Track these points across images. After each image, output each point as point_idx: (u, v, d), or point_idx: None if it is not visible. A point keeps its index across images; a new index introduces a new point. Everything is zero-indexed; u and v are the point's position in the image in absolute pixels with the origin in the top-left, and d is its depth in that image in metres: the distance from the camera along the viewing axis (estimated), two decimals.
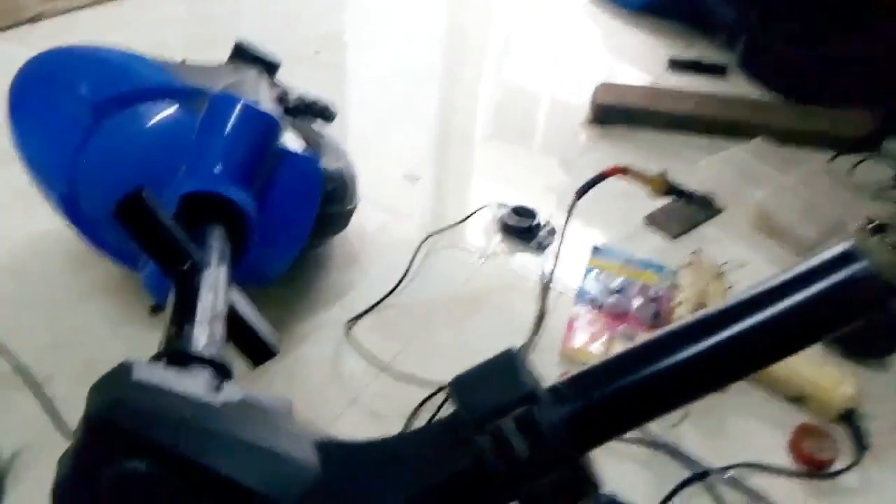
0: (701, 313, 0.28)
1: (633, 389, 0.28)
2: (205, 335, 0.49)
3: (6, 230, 0.98)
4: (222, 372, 0.45)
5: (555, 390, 0.29)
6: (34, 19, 1.51)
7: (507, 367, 0.28)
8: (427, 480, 0.29)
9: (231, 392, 0.39)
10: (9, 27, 1.46)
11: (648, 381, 0.28)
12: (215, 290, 0.55)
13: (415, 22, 1.77)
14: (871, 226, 0.94)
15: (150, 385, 0.35)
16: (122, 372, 0.36)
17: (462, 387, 0.28)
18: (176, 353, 0.44)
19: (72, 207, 0.71)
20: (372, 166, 1.22)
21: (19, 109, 0.73)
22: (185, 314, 0.50)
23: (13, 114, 0.74)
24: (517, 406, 0.27)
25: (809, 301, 0.26)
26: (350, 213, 0.95)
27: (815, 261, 0.27)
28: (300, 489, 0.30)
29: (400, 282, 0.96)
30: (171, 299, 0.53)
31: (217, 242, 0.61)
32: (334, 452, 0.32)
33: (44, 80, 0.73)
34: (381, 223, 1.09)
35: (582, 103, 1.41)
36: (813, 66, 1.44)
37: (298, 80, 1.04)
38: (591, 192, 1.03)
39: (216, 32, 1.60)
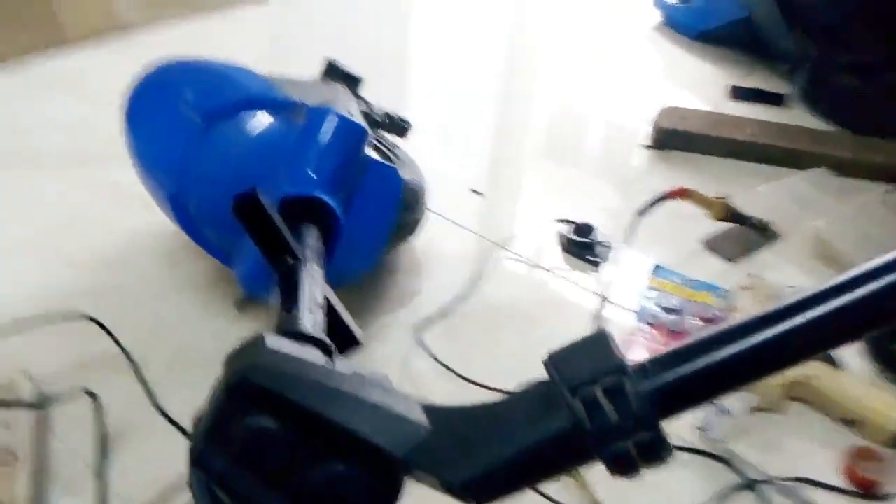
0: (764, 310, 0.33)
1: (707, 369, 0.33)
2: (310, 320, 0.55)
3: (106, 226, 1.07)
4: (327, 350, 0.50)
5: (642, 366, 0.34)
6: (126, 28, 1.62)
7: (600, 344, 0.33)
8: (528, 439, 0.34)
9: (343, 365, 0.44)
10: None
11: (721, 363, 0.32)
12: (314, 283, 0.60)
13: (476, 42, 1.84)
14: None
15: (282, 352, 0.41)
16: (257, 341, 0.41)
17: (556, 359, 0.34)
18: (290, 332, 0.49)
19: (179, 206, 0.78)
20: (437, 179, 1.28)
21: (136, 116, 0.81)
22: (292, 302, 0.56)
23: (131, 120, 0.82)
24: (608, 376, 0.32)
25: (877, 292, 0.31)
26: (419, 223, 1.01)
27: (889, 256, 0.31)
28: (412, 443, 0.35)
29: (470, 289, 1.01)
30: (277, 290, 0.59)
31: (313, 241, 0.67)
32: (441, 414, 0.37)
33: (160, 89, 0.81)
34: (444, 233, 1.14)
35: (641, 127, 1.45)
36: (872, 97, 1.45)
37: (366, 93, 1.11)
38: (650, 214, 1.07)
39: (289, 46, 1.70)
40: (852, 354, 0.95)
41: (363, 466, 0.37)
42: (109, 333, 0.84)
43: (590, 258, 1.09)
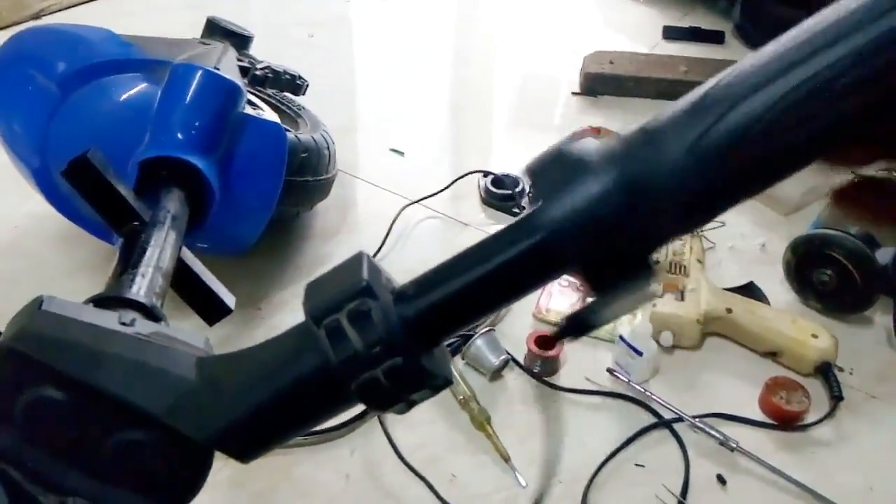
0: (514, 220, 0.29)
1: (462, 291, 0.29)
2: (145, 284, 0.51)
3: (3, 213, 1.02)
4: (150, 315, 0.46)
5: (401, 290, 0.30)
6: (38, 15, 1.55)
7: (352, 267, 0.29)
8: (277, 382, 0.30)
9: (143, 326, 0.40)
10: (14, 24, 1.50)
11: (474, 284, 0.29)
12: (162, 247, 0.56)
13: (410, 6, 1.78)
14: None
15: (58, 315, 0.37)
16: (32, 304, 0.37)
17: (309, 290, 0.30)
18: (102, 298, 0.46)
19: (45, 180, 0.74)
20: (357, 141, 1.24)
21: None
22: (125, 265, 0.52)
23: None
24: (353, 301, 0.28)
25: None
26: (328, 182, 0.96)
27: None
28: (172, 399, 0.32)
29: (378, 251, 0.97)
30: (116, 253, 0.55)
31: (172, 204, 0.63)
32: (210, 365, 0.33)
33: (14, 59, 0.76)
34: (364, 196, 1.10)
35: (572, 75, 1.41)
36: None
37: (290, 61, 1.05)
38: None
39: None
40: (775, 285, 0.92)
41: (152, 431, 0.34)
42: None
43: (514, 209, 1.05)
